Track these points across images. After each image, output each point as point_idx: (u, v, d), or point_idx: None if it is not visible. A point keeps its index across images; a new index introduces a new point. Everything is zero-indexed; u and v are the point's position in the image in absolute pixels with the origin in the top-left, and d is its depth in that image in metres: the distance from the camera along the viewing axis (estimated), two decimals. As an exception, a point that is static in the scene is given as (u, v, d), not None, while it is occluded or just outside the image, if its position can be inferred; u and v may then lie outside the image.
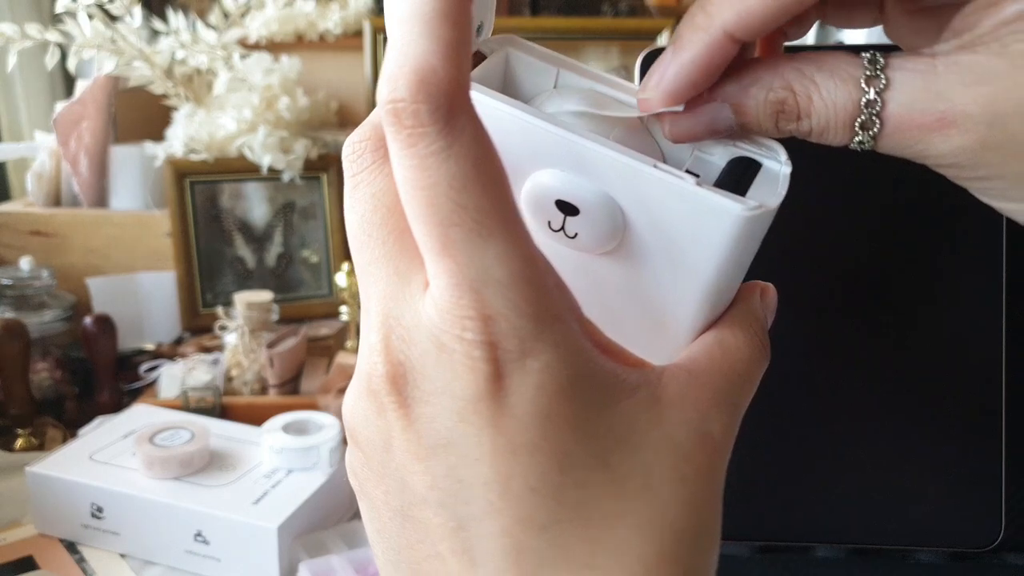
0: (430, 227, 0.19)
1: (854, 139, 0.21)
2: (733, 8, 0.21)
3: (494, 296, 0.19)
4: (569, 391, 0.20)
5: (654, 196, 0.21)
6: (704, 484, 0.21)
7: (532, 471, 0.19)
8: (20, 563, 0.60)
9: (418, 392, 0.20)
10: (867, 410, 0.40)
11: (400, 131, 0.19)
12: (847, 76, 0.21)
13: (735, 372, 0.23)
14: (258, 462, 0.63)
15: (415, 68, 0.18)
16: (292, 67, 1.02)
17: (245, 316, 0.83)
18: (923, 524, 0.40)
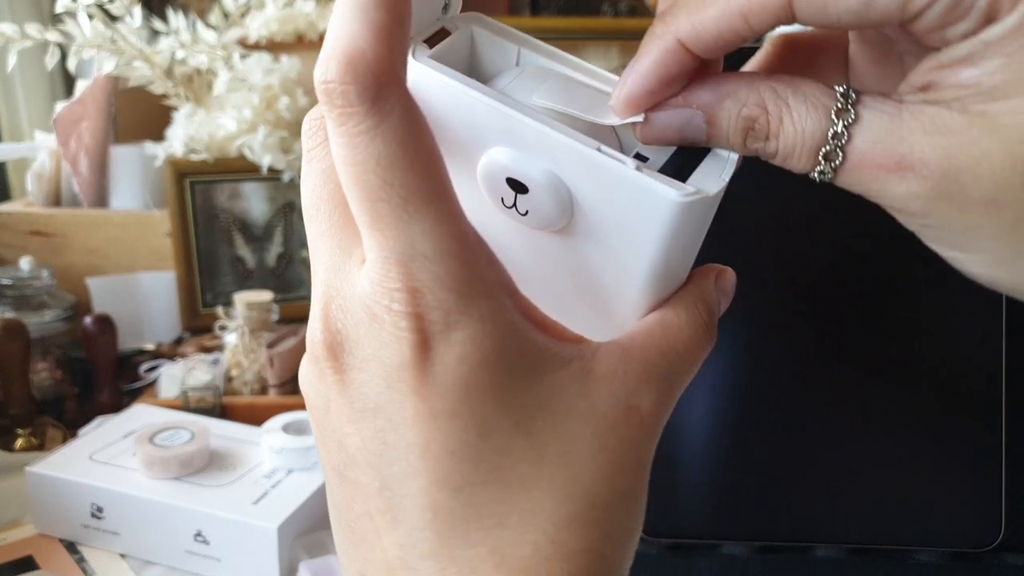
0: (360, 202, 0.20)
1: (816, 168, 0.21)
2: (688, 19, 0.21)
3: (420, 270, 0.20)
4: (492, 362, 0.21)
5: (598, 178, 0.22)
6: (627, 454, 0.22)
7: (451, 436, 0.20)
8: (20, 563, 0.60)
9: (352, 359, 0.21)
10: (867, 410, 0.40)
11: (332, 110, 0.20)
12: (819, 104, 0.21)
13: (672, 350, 0.23)
14: (258, 462, 0.63)
15: (345, 50, 0.19)
16: (292, 67, 1.02)
17: (245, 316, 0.83)
18: (923, 524, 0.40)
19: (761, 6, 0.20)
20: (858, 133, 0.21)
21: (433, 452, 0.20)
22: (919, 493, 0.40)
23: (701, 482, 0.41)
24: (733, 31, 0.21)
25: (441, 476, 0.21)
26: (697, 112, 0.22)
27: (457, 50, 0.25)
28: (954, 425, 0.40)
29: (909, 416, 0.40)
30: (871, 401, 0.40)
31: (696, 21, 0.21)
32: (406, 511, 0.21)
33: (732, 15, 0.21)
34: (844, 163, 0.21)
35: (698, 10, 0.21)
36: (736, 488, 0.42)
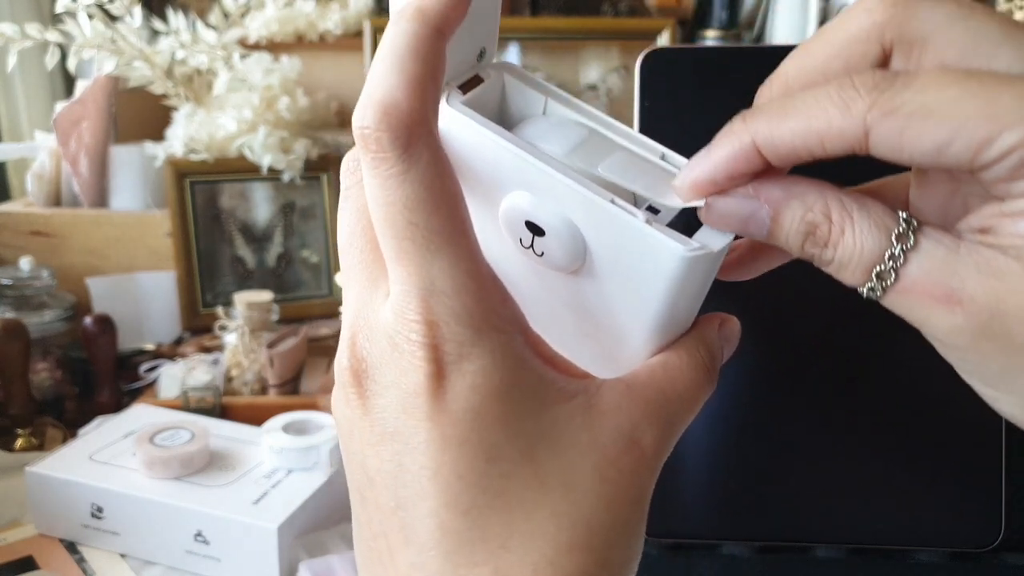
0: (388, 239, 0.22)
1: (866, 284, 0.22)
2: (767, 125, 0.22)
3: (438, 304, 0.22)
4: (501, 393, 0.22)
5: (610, 228, 0.23)
6: (626, 487, 0.23)
7: (460, 460, 0.22)
8: (20, 563, 0.60)
9: (374, 385, 0.23)
10: (867, 410, 0.40)
11: (366, 154, 0.22)
12: (882, 224, 0.22)
13: (673, 391, 0.24)
14: (258, 462, 0.63)
15: (381, 100, 0.21)
16: (292, 67, 1.02)
17: (245, 316, 0.83)
18: (923, 524, 0.40)
19: (839, 134, 0.21)
20: (914, 259, 0.21)
21: (443, 475, 0.22)
22: (919, 493, 0.40)
23: (701, 482, 0.41)
24: (807, 149, 0.22)
25: (450, 499, 0.22)
26: (764, 206, 0.23)
27: (489, 97, 0.26)
28: (954, 425, 0.40)
29: (909, 416, 0.40)
30: (871, 401, 0.40)
31: (775, 129, 0.22)
32: (417, 531, 0.22)
33: (809, 134, 0.21)
34: (895, 285, 0.22)
35: (779, 120, 0.22)
36: (736, 488, 0.42)
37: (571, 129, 0.25)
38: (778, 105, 0.22)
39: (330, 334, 0.95)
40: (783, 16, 1.22)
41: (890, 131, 0.20)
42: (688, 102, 0.40)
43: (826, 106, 0.21)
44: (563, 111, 0.26)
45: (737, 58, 0.41)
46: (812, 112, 0.21)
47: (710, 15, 1.27)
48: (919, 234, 0.21)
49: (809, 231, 0.22)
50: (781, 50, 0.43)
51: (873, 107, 0.20)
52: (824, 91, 0.21)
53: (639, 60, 0.41)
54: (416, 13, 0.22)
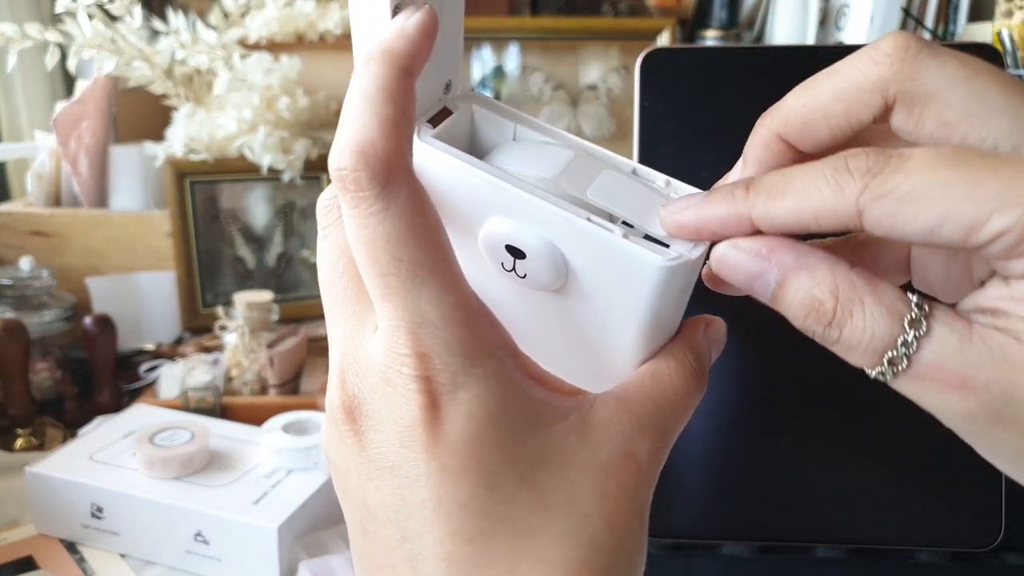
0: (372, 276, 0.22)
1: (875, 368, 0.22)
2: (765, 203, 0.22)
3: (428, 336, 0.22)
4: (497, 418, 0.22)
5: (588, 245, 0.23)
6: (626, 500, 0.23)
7: (461, 489, 0.22)
8: (20, 563, 0.60)
9: (369, 421, 0.23)
10: (867, 410, 0.40)
11: (345, 194, 0.22)
12: (894, 310, 0.21)
13: (664, 399, 0.25)
14: (258, 462, 0.63)
15: (357, 141, 0.21)
16: (292, 67, 1.02)
17: (245, 316, 0.83)
18: (923, 524, 0.40)
19: (833, 214, 0.21)
20: (927, 346, 0.21)
21: (446, 505, 0.22)
22: (919, 493, 0.40)
23: (701, 482, 0.41)
24: (801, 225, 0.22)
25: (454, 528, 0.22)
26: (774, 269, 0.23)
27: (459, 128, 0.27)
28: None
29: (909, 416, 0.40)
30: (872, 401, 0.40)
31: (771, 207, 0.22)
32: (425, 561, 0.22)
33: (804, 212, 0.22)
34: (907, 371, 0.22)
35: (776, 197, 0.22)
36: (736, 488, 0.42)
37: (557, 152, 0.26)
38: (777, 181, 0.22)
39: (330, 334, 0.94)
40: (783, 16, 1.22)
41: (882, 214, 0.21)
42: (688, 102, 0.40)
43: (821, 187, 0.21)
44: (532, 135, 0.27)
45: (737, 58, 0.41)
46: (807, 192, 0.21)
47: (710, 15, 1.27)
48: (931, 319, 0.21)
49: (813, 306, 0.22)
50: (781, 50, 0.43)
51: (865, 191, 0.21)
52: (820, 171, 0.21)
53: (639, 60, 0.41)
54: (384, 55, 0.22)
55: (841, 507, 0.41)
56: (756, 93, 0.40)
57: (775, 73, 0.40)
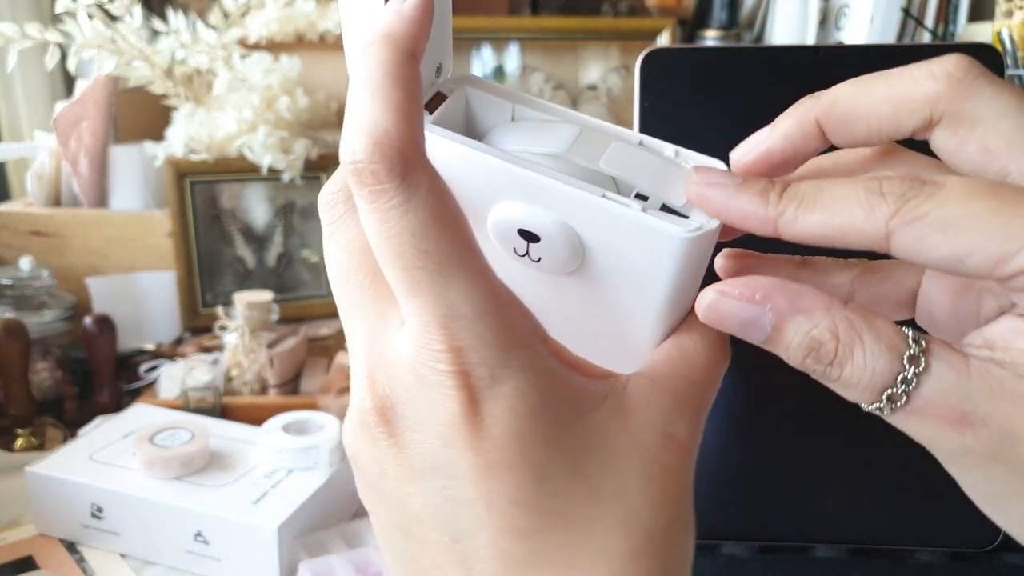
0: (397, 272, 0.21)
1: (874, 404, 0.22)
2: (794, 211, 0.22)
3: (461, 329, 0.21)
4: (539, 409, 0.22)
5: (605, 222, 0.23)
6: (672, 482, 0.23)
7: (511, 486, 0.21)
8: (20, 563, 0.60)
9: (405, 422, 0.22)
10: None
11: (362, 189, 0.21)
12: (892, 347, 0.21)
13: (695, 373, 0.24)
14: (258, 462, 0.63)
15: (369, 131, 0.20)
16: (292, 67, 1.02)
17: (245, 316, 0.83)
18: (923, 524, 0.40)
19: (860, 234, 0.21)
20: (926, 383, 0.21)
21: (497, 503, 0.21)
22: (919, 493, 0.40)
23: (701, 482, 0.41)
24: (827, 240, 0.22)
25: (507, 525, 0.21)
26: (768, 314, 0.22)
27: (455, 112, 0.26)
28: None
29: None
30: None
31: (800, 218, 0.22)
32: (480, 561, 0.22)
33: (832, 228, 0.22)
34: (906, 407, 0.22)
35: (807, 209, 0.22)
36: (736, 488, 0.42)
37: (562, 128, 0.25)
38: (810, 192, 0.22)
39: (330, 334, 0.94)
40: (783, 16, 1.22)
41: (910, 239, 0.21)
42: (688, 102, 0.40)
43: (852, 206, 0.21)
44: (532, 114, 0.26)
45: (737, 58, 0.41)
46: (837, 208, 0.21)
47: (710, 15, 1.27)
48: (929, 356, 0.21)
49: (813, 347, 0.22)
50: (781, 50, 0.43)
51: (896, 215, 0.21)
52: (853, 189, 0.21)
53: (639, 60, 0.41)
54: (385, 40, 0.22)
55: (841, 507, 0.41)
56: (756, 93, 0.40)
57: (775, 73, 0.40)
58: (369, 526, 0.61)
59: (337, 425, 0.64)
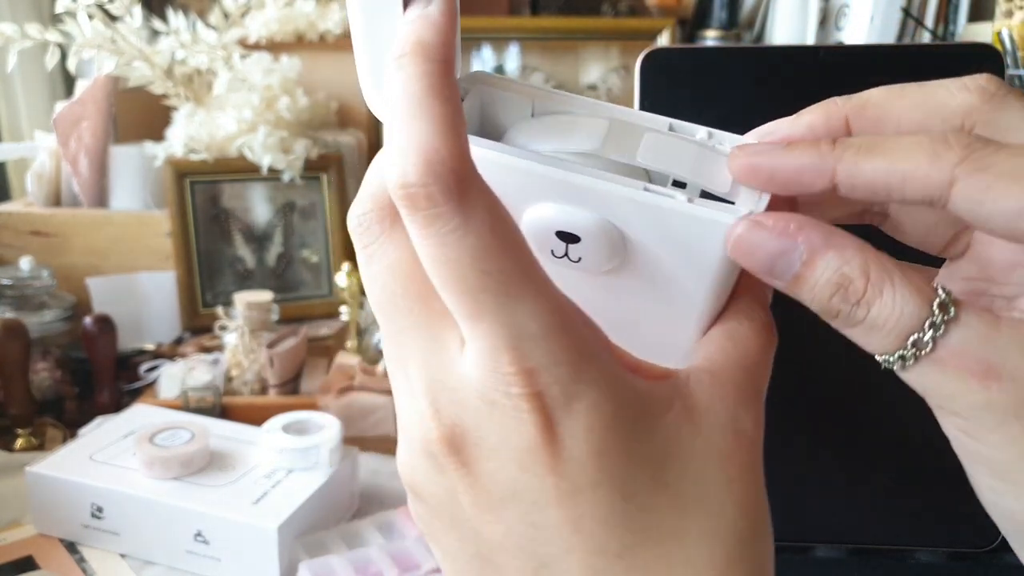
0: (459, 296, 0.20)
1: (897, 352, 0.22)
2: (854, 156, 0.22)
3: (532, 350, 0.20)
4: (616, 424, 0.21)
5: (649, 216, 0.22)
6: (749, 480, 0.22)
7: (598, 506, 0.21)
8: (20, 563, 0.60)
9: (477, 450, 0.21)
10: (868, 410, 0.40)
11: (415, 214, 0.20)
12: (922, 292, 0.21)
13: (750, 361, 0.23)
14: (258, 462, 0.63)
15: (419, 150, 0.19)
16: (292, 67, 1.02)
17: (245, 316, 0.83)
18: (923, 524, 0.40)
19: (923, 180, 0.21)
20: (954, 330, 0.21)
21: (586, 525, 0.21)
22: (919, 493, 0.40)
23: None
24: (887, 188, 0.21)
25: (598, 546, 0.21)
26: (800, 247, 0.22)
27: (471, 113, 0.25)
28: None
29: (909, 416, 0.40)
30: (872, 401, 0.40)
31: (859, 163, 0.21)
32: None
33: (892, 174, 0.21)
34: (931, 355, 0.21)
35: (866, 155, 0.21)
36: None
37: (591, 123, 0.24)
38: (869, 140, 0.22)
39: (330, 334, 0.95)
40: (783, 16, 1.22)
41: (975, 187, 0.20)
42: (688, 102, 0.40)
43: (915, 151, 0.21)
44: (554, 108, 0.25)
45: (737, 58, 0.41)
46: (901, 154, 0.21)
47: (710, 15, 1.27)
48: (958, 307, 0.21)
49: (842, 284, 0.22)
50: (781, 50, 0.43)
51: (963, 161, 0.20)
52: (916, 138, 0.21)
53: (639, 60, 0.41)
54: (419, 51, 0.21)
55: (841, 507, 0.41)
56: (756, 93, 0.40)
57: (775, 73, 0.40)
58: (369, 526, 0.61)
59: (337, 425, 0.64)
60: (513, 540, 0.21)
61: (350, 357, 0.84)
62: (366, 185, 0.23)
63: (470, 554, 0.23)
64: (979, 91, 0.23)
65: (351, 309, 0.87)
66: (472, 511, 0.22)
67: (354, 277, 0.86)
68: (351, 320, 0.87)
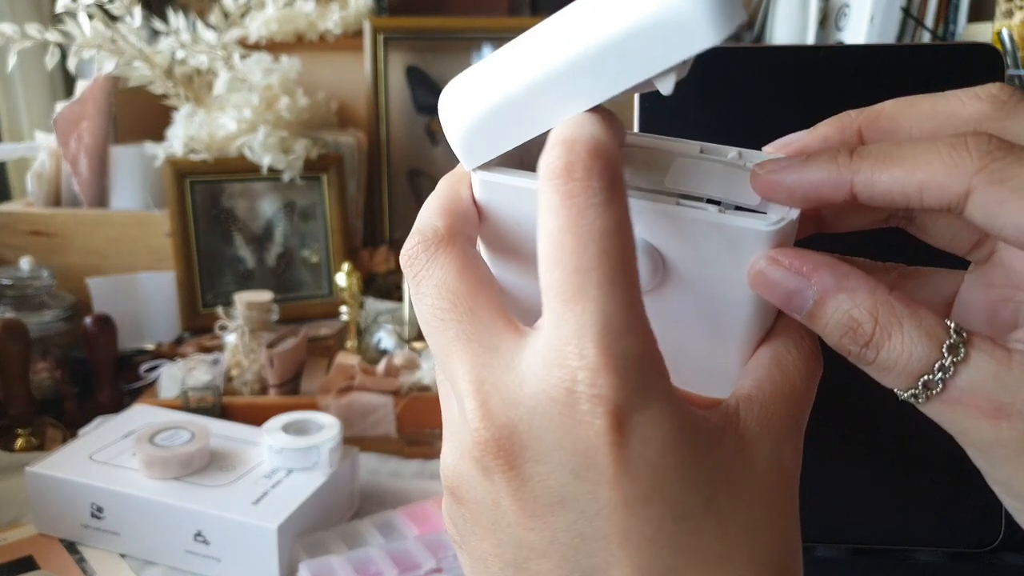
0: (567, 273, 0.20)
1: (909, 390, 0.22)
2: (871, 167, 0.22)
3: (616, 344, 0.20)
4: (675, 442, 0.21)
5: (684, 231, 0.22)
6: (788, 514, 0.23)
7: (647, 523, 0.20)
8: (20, 563, 0.60)
9: (528, 452, 0.21)
10: (868, 411, 0.40)
11: (567, 182, 0.21)
12: (933, 333, 0.21)
13: (796, 392, 0.24)
14: (258, 462, 0.63)
15: (590, 135, 0.21)
16: (292, 67, 1.02)
17: (245, 316, 0.83)
18: (923, 524, 0.40)
19: (940, 189, 0.21)
20: (963, 371, 0.21)
21: (633, 541, 0.20)
22: (919, 493, 0.40)
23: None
24: (904, 197, 0.22)
25: (645, 563, 0.21)
26: (813, 288, 0.22)
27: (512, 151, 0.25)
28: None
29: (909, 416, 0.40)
30: (872, 401, 0.40)
31: (876, 174, 0.22)
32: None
33: (910, 183, 0.21)
34: (941, 395, 0.22)
35: (883, 165, 0.22)
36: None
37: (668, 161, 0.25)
38: (886, 150, 0.22)
39: (330, 334, 0.95)
40: (783, 16, 1.22)
41: (991, 200, 0.20)
42: (688, 102, 0.40)
43: (933, 159, 0.21)
44: None
45: (737, 58, 0.41)
46: (919, 163, 0.21)
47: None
48: (969, 346, 0.21)
49: (851, 327, 0.22)
50: (781, 50, 0.43)
51: (981, 171, 0.20)
52: (934, 144, 0.21)
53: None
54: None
55: (841, 507, 0.41)
56: (756, 93, 0.40)
57: (775, 73, 0.40)
58: (369, 526, 0.61)
59: (337, 425, 0.64)
60: (558, 548, 0.21)
61: (350, 357, 0.84)
62: (414, 228, 0.24)
63: (506, 560, 0.22)
64: (991, 99, 0.23)
65: (351, 309, 0.87)
66: (515, 516, 0.21)
67: (354, 277, 0.87)
68: (351, 320, 0.87)
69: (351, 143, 1.07)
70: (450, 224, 0.24)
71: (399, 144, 1.16)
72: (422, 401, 0.77)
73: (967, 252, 0.26)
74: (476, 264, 0.24)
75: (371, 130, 1.14)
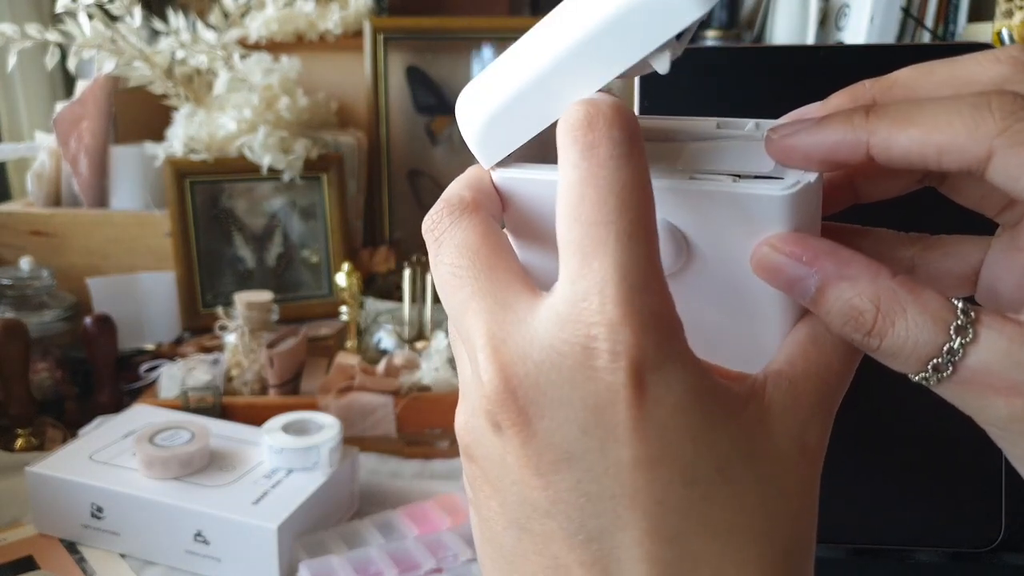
0: (588, 225, 0.20)
1: (919, 374, 0.21)
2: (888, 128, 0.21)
3: (635, 298, 0.20)
4: (687, 404, 0.20)
5: (702, 206, 0.22)
6: (806, 495, 0.22)
7: (656, 484, 0.20)
8: (20, 563, 0.60)
9: (535, 407, 0.20)
10: (868, 410, 0.40)
11: (590, 133, 0.21)
12: (939, 317, 0.21)
13: (830, 373, 0.23)
14: (258, 462, 0.63)
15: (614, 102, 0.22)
16: (292, 67, 1.02)
17: (245, 316, 0.83)
18: (923, 524, 0.40)
19: (960, 151, 0.20)
20: (973, 352, 0.21)
21: (641, 502, 0.20)
22: (919, 493, 0.40)
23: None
24: (922, 159, 0.21)
25: (652, 526, 0.20)
26: (815, 276, 0.22)
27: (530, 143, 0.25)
28: (954, 426, 0.40)
29: (910, 416, 0.40)
30: (872, 401, 0.40)
31: (894, 135, 0.21)
32: (619, 563, 0.20)
33: (928, 145, 0.21)
34: (952, 377, 0.21)
35: (901, 125, 0.21)
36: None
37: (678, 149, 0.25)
38: (904, 109, 0.21)
39: (330, 334, 0.95)
40: (783, 16, 1.22)
41: (1014, 163, 0.20)
42: (688, 102, 0.40)
43: (953, 120, 0.20)
44: None
45: (737, 58, 0.41)
46: (938, 123, 0.20)
47: (710, 15, 1.27)
48: (978, 325, 0.21)
49: (852, 315, 0.21)
50: (781, 50, 0.43)
51: (1003, 133, 0.20)
52: (955, 104, 0.20)
53: (639, 60, 0.41)
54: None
55: (841, 507, 0.41)
56: (756, 93, 0.40)
57: (775, 73, 0.40)
58: (369, 526, 0.61)
59: (337, 425, 0.64)
60: (562, 507, 0.21)
61: (350, 357, 0.84)
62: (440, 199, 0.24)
63: (509, 520, 0.22)
64: (1011, 62, 0.22)
65: (351, 309, 0.87)
66: (521, 473, 0.21)
67: (354, 277, 0.87)
68: (351, 320, 0.87)
69: (351, 143, 1.07)
70: (475, 196, 0.24)
71: (399, 144, 1.16)
72: (422, 401, 0.77)
73: (997, 214, 0.25)
74: (498, 233, 0.23)
75: (371, 130, 1.14)
